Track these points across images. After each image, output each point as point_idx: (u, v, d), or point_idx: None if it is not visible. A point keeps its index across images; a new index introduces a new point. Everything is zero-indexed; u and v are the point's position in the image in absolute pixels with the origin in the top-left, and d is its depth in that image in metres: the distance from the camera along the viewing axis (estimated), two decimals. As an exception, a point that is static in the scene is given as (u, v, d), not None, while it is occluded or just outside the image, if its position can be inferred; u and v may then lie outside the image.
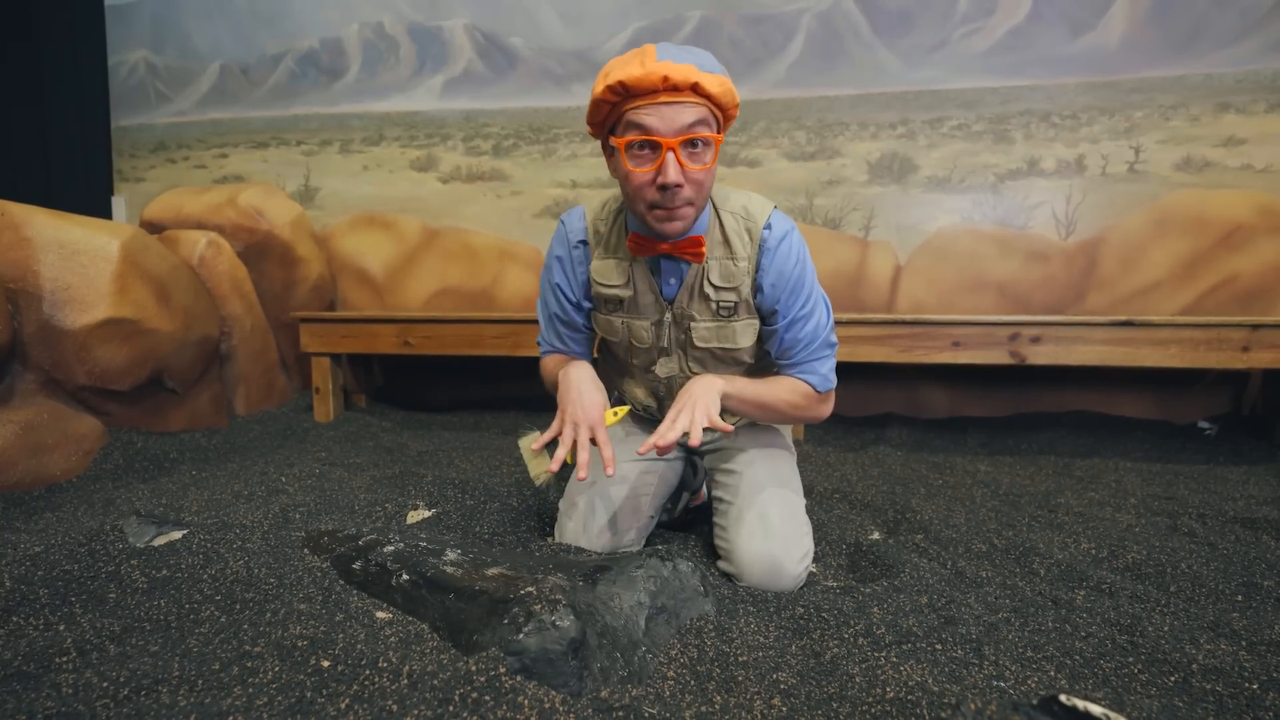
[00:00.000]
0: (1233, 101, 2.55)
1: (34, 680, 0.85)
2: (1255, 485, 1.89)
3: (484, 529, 1.46)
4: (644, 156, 1.05)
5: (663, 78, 0.99)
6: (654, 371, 1.30)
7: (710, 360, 1.27)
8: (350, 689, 0.82)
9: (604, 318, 1.29)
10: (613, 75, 1.02)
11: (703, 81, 1.01)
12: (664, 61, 1.00)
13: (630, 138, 1.04)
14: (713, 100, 1.04)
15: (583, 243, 1.25)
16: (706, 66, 1.03)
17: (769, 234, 1.17)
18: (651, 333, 1.25)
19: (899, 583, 1.21)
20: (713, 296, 1.19)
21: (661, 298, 1.22)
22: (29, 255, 1.85)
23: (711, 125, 1.06)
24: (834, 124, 2.83)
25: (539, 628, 0.86)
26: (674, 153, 1.02)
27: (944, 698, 0.85)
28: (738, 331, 1.22)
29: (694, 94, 1.02)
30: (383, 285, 3.11)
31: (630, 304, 1.24)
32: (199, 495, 1.63)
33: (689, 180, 1.05)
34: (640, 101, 1.02)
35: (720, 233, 1.18)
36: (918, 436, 2.51)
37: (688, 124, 1.02)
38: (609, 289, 1.23)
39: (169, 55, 3.34)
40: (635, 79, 1.00)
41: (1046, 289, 2.68)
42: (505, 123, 3.09)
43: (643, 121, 1.03)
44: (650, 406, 1.39)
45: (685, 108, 1.02)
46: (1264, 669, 0.94)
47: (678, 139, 1.02)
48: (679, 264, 1.19)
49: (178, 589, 1.09)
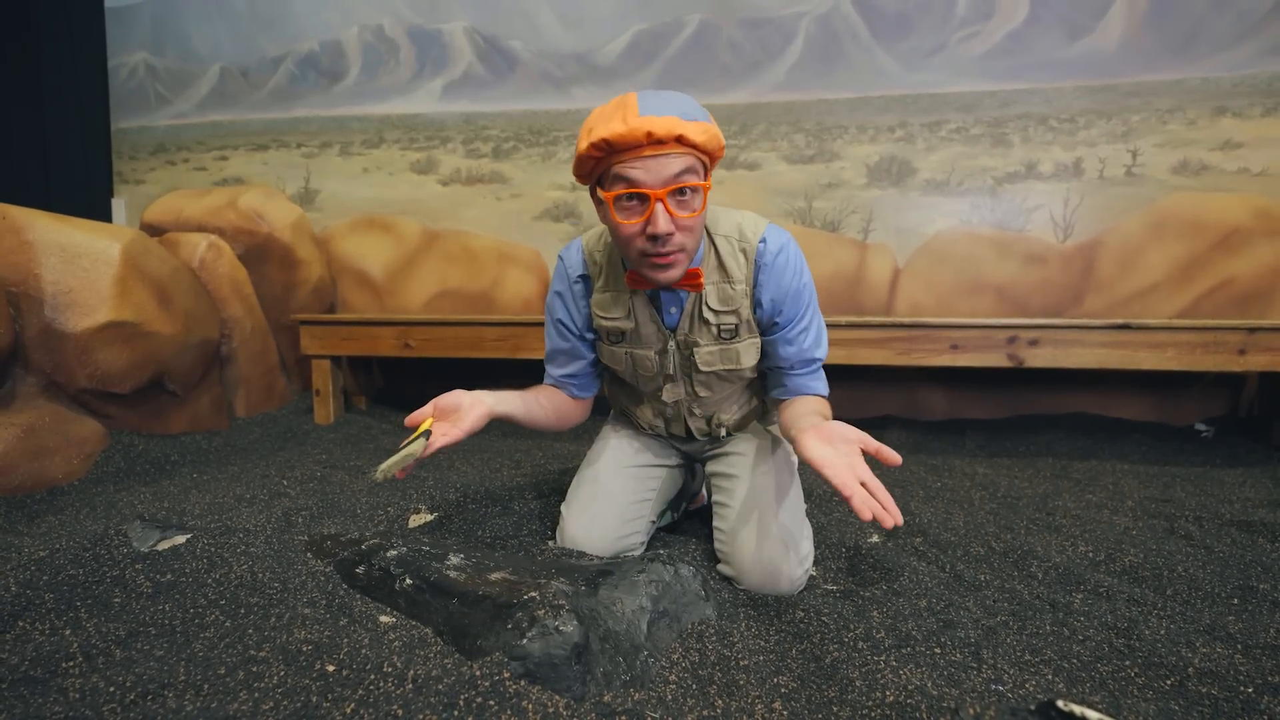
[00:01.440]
0: (1229, 105, 2.56)
1: (41, 685, 0.85)
2: (1251, 488, 1.90)
3: (486, 533, 1.47)
4: (632, 208, 1.04)
5: (646, 133, 0.99)
6: (660, 399, 1.32)
7: (715, 382, 1.28)
8: (355, 694, 0.83)
9: (608, 349, 1.30)
10: (596, 132, 1.02)
11: (687, 133, 1.00)
12: (646, 116, 1.00)
13: (618, 191, 1.03)
14: (698, 148, 1.03)
15: (583, 277, 1.26)
16: (689, 115, 1.02)
17: (764, 248, 1.18)
18: (656, 361, 1.26)
19: (898, 586, 1.22)
20: (713, 321, 1.21)
21: (664, 327, 1.23)
22: (30, 259, 1.85)
23: (698, 172, 1.05)
24: (833, 127, 2.84)
25: (542, 633, 0.87)
26: (663, 203, 1.02)
27: (943, 701, 0.86)
28: (741, 353, 1.24)
29: (679, 145, 1.01)
30: (383, 287, 3.12)
31: (632, 335, 1.25)
32: (201, 498, 1.64)
33: (679, 228, 1.05)
34: (626, 156, 1.02)
35: (715, 258, 1.19)
36: (916, 438, 2.52)
37: (674, 174, 1.02)
38: (610, 321, 1.25)
39: (169, 57, 3.34)
40: (619, 136, 1.00)
41: (1044, 291, 2.70)
42: (505, 125, 3.09)
43: (629, 175, 1.02)
44: (658, 427, 1.41)
45: (671, 159, 1.01)
46: (1259, 672, 0.96)
47: (665, 189, 1.02)
48: (678, 293, 1.20)
49: (182, 593, 1.09)
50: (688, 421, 1.37)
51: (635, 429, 1.46)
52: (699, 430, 1.38)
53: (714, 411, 1.36)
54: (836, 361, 2.31)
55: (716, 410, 1.36)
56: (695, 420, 1.37)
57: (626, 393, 1.42)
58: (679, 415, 1.36)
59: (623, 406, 1.46)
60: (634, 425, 1.47)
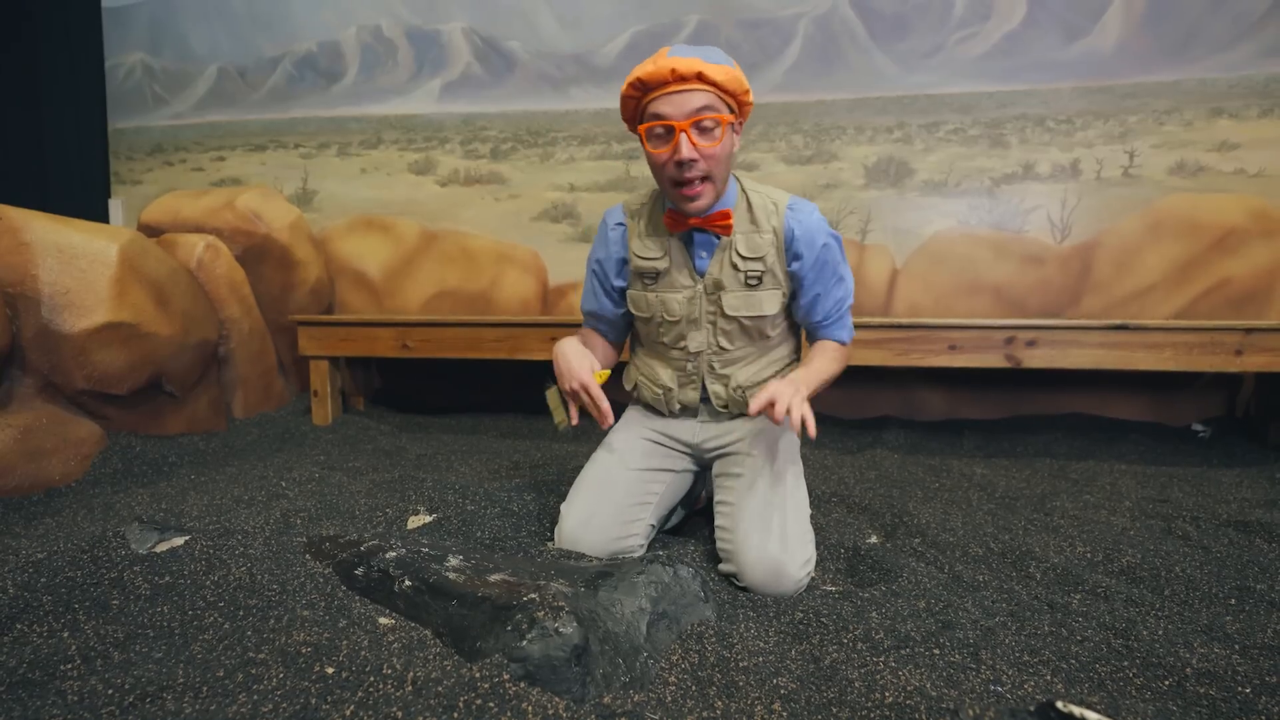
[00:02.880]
0: (1226, 106, 2.57)
1: (39, 688, 0.85)
2: (1248, 488, 1.91)
3: (485, 534, 1.47)
4: (661, 138, 1.21)
5: (671, 69, 1.16)
6: (684, 347, 1.38)
7: (738, 333, 1.36)
8: (355, 696, 0.82)
9: (639, 294, 1.40)
10: (633, 74, 1.21)
11: (706, 70, 1.16)
12: (673, 57, 1.17)
13: (649, 124, 1.21)
14: (719, 86, 1.18)
15: (620, 224, 1.41)
16: (712, 59, 1.18)
17: (793, 210, 1.33)
18: (684, 305, 1.35)
19: (897, 587, 1.22)
20: (741, 267, 1.32)
21: (694, 271, 1.35)
22: (28, 259, 1.85)
23: (720, 108, 1.20)
24: (831, 128, 2.84)
25: (542, 634, 0.87)
26: (686, 133, 1.18)
27: (942, 703, 0.86)
28: (764, 300, 1.33)
29: (700, 81, 1.17)
30: (381, 288, 3.12)
31: (665, 277, 1.36)
32: (199, 500, 1.64)
33: (702, 156, 1.20)
34: (655, 93, 1.20)
35: (747, 209, 1.33)
36: (914, 439, 2.53)
37: (696, 108, 1.18)
38: (647, 261, 1.37)
39: (166, 58, 3.33)
40: (649, 74, 1.18)
41: (1042, 292, 2.70)
42: (503, 126, 3.09)
43: (658, 109, 1.20)
44: (671, 390, 1.43)
45: (693, 94, 1.18)
46: (1257, 673, 0.96)
47: (688, 120, 1.18)
48: (711, 238, 1.32)
49: (181, 595, 1.09)
50: (706, 385, 1.39)
51: (644, 431, 1.46)
52: (717, 397, 1.39)
53: (732, 372, 1.38)
54: (835, 362, 2.30)
55: (735, 371, 1.38)
56: (714, 383, 1.39)
57: (649, 349, 1.47)
58: (699, 375, 1.40)
59: (645, 375, 1.47)
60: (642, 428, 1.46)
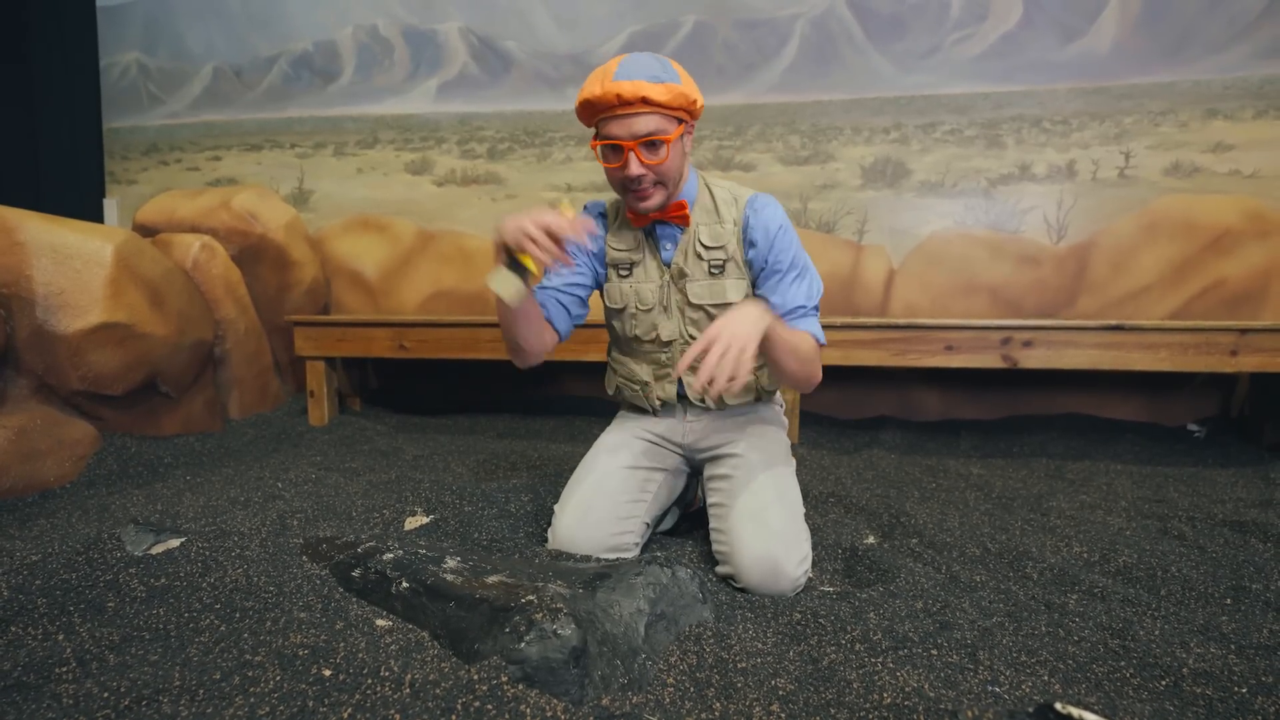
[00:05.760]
0: (1221, 107, 2.58)
1: (34, 691, 0.85)
2: (1243, 488, 1.92)
3: (482, 535, 1.46)
4: (612, 155, 1.25)
5: (615, 95, 1.18)
6: (657, 337, 1.39)
7: (706, 322, 1.37)
8: (352, 698, 0.82)
9: (614, 285, 1.42)
10: (581, 94, 1.24)
11: (650, 94, 1.18)
12: (618, 81, 1.18)
13: (601, 141, 1.25)
14: (665, 106, 1.21)
15: (602, 215, 1.44)
16: (657, 78, 1.20)
17: (753, 201, 1.35)
18: (655, 293, 1.39)
19: (894, 588, 1.22)
20: (704, 256, 1.35)
21: (661, 262, 1.38)
22: (22, 260, 1.84)
23: (668, 127, 1.23)
24: (828, 128, 2.85)
25: (540, 636, 0.86)
26: (634, 152, 1.22)
27: (940, 703, 0.86)
28: (728, 288, 1.35)
29: (645, 105, 1.20)
30: (377, 288, 3.11)
31: (638, 268, 1.39)
32: (195, 501, 1.63)
33: (651, 170, 1.24)
34: (604, 114, 1.22)
35: (710, 201, 1.36)
36: (911, 439, 2.53)
37: (644, 130, 1.21)
38: (622, 252, 1.40)
39: (161, 57, 3.32)
40: (595, 97, 1.20)
41: (1038, 293, 2.71)
42: (500, 126, 3.09)
43: (608, 130, 1.24)
44: (648, 384, 1.43)
45: (639, 118, 1.20)
46: (1253, 673, 0.96)
47: (635, 141, 1.21)
48: (674, 230, 1.36)
49: (177, 598, 1.09)
50: (680, 377, 1.37)
51: (636, 430, 1.46)
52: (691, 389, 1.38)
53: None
54: (832, 362, 2.31)
55: None
56: (688, 374, 1.35)
57: (623, 346, 1.46)
58: (673, 362, 1.41)
59: (623, 375, 1.47)
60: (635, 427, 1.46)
